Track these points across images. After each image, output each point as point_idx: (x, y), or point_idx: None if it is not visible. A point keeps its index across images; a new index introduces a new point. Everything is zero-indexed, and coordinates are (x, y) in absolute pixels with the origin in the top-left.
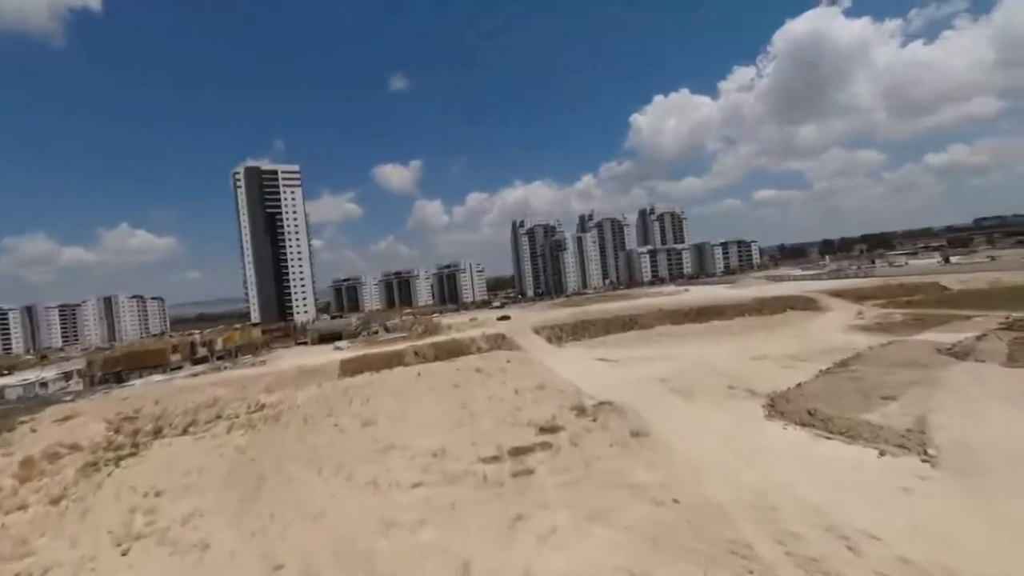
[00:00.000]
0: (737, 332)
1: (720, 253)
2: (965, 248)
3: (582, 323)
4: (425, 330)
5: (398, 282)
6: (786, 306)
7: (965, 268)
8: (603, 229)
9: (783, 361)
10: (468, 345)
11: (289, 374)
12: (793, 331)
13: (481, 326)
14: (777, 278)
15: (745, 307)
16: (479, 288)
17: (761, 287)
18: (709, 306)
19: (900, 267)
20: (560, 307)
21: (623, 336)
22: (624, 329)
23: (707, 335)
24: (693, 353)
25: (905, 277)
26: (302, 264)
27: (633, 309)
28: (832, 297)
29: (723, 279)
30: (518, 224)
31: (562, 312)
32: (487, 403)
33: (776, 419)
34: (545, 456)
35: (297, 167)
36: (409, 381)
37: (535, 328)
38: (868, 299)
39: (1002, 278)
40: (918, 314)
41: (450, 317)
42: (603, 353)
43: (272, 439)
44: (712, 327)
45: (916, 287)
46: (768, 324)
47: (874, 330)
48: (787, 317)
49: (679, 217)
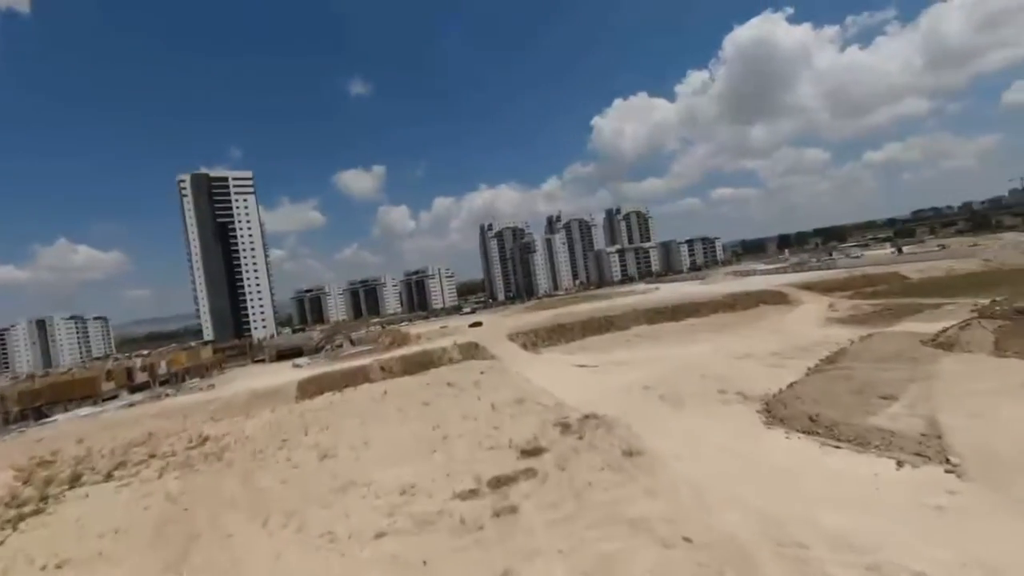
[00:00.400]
0: (714, 330)
1: (686, 251)
2: (912, 238)
3: (558, 327)
4: (393, 341)
5: (364, 291)
6: (758, 301)
7: (919, 257)
8: (571, 230)
9: (768, 360)
10: (439, 356)
11: (239, 399)
12: (770, 327)
13: (452, 334)
14: (743, 273)
15: (718, 304)
16: (449, 294)
17: (730, 283)
18: (684, 304)
19: (857, 259)
20: (533, 310)
21: (600, 338)
22: (601, 331)
23: (685, 334)
24: (674, 354)
25: (868, 268)
26: (258, 276)
27: (608, 309)
28: (801, 290)
29: (691, 276)
30: (486, 227)
31: (536, 315)
32: (461, 423)
33: (776, 427)
34: (530, 486)
35: (250, 173)
36: (374, 401)
37: (509, 334)
38: (835, 291)
39: (955, 266)
40: (888, 304)
41: (419, 326)
42: (582, 358)
43: (212, 482)
44: (688, 325)
45: (879, 278)
46: (744, 320)
47: (850, 322)
48: (761, 312)
49: (645, 216)
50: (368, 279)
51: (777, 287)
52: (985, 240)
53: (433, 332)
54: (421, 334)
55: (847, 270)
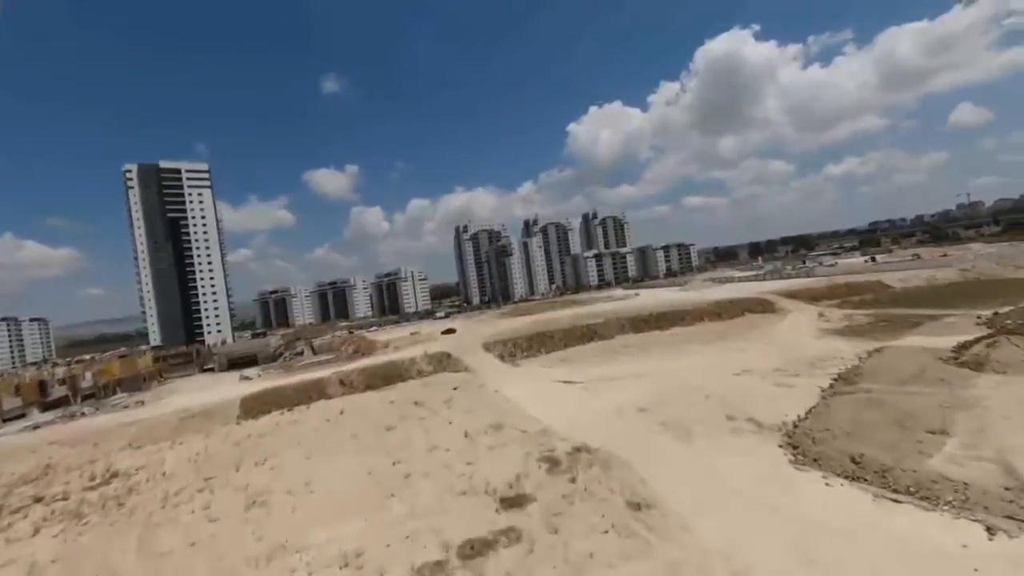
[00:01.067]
0: (705, 341)
1: (662, 256)
2: (879, 248)
3: (537, 335)
4: (357, 350)
5: (333, 293)
6: (744, 309)
7: (894, 266)
8: (548, 234)
9: (771, 376)
10: (407, 368)
11: (168, 420)
12: (763, 337)
13: (423, 342)
14: (722, 280)
15: (704, 311)
16: (422, 297)
17: (711, 290)
18: (668, 312)
19: (832, 267)
20: (510, 316)
21: (584, 349)
22: (584, 340)
23: (673, 345)
24: (667, 369)
25: (850, 276)
26: (214, 276)
27: (590, 316)
28: (786, 299)
29: (669, 282)
30: (461, 230)
31: (513, 322)
32: (428, 456)
33: (809, 468)
34: (512, 558)
35: (205, 165)
36: (328, 424)
37: (485, 343)
38: (821, 299)
39: (935, 275)
40: (882, 315)
41: (388, 332)
42: (565, 372)
43: (100, 543)
44: (675, 335)
45: (862, 286)
46: (733, 330)
47: (847, 334)
48: (749, 321)
49: (621, 222)
50: (337, 281)
51: (761, 295)
52: (953, 250)
53: (402, 339)
54: (389, 342)
55: (827, 278)
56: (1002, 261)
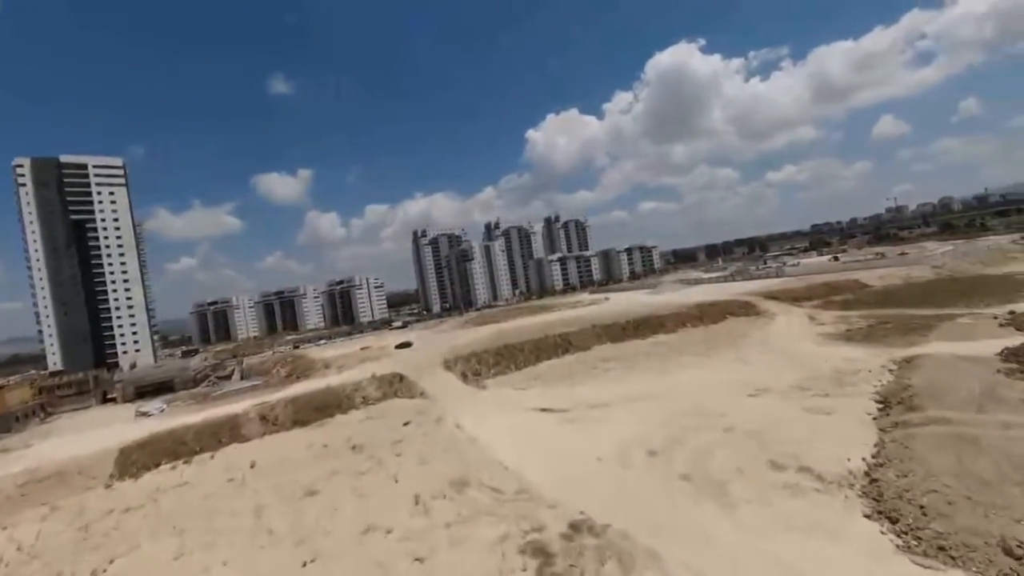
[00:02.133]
0: (694, 350)
1: (625, 259)
2: (830, 248)
3: (505, 348)
4: (292, 372)
5: (280, 303)
6: (725, 312)
7: (862, 265)
8: (510, 238)
9: (795, 397)
10: (349, 396)
11: (8, 484)
12: (759, 345)
13: (374, 359)
14: (692, 281)
15: (683, 316)
16: (378, 306)
17: (682, 292)
18: (646, 318)
19: (796, 266)
20: (473, 324)
21: (560, 364)
22: (558, 353)
23: (661, 357)
24: (663, 388)
25: (825, 276)
26: (130, 287)
27: (561, 324)
28: (766, 300)
29: (637, 284)
30: (420, 234)
31: (477, 332)
32: (357, 547)
33: (940, 566)
34: None
35: (119, 161)
36: (230, 486)
37: (445, 360)
38: (802, 300)
39: (911, 273)
40: (878, 316)
41: (336, 347)
42: (542, 395)
43: None
44: (659, 344)
45: (841, 285)
46: (722, 337)
47: (854, 339)
48: (734, 326)
49: (583, 225)
50: (284, 290)
51: (740, 297)
52: (909, 249)
53: (350, 356)
54: (332, 360)
55: (800, 278)
56: (967, 259)
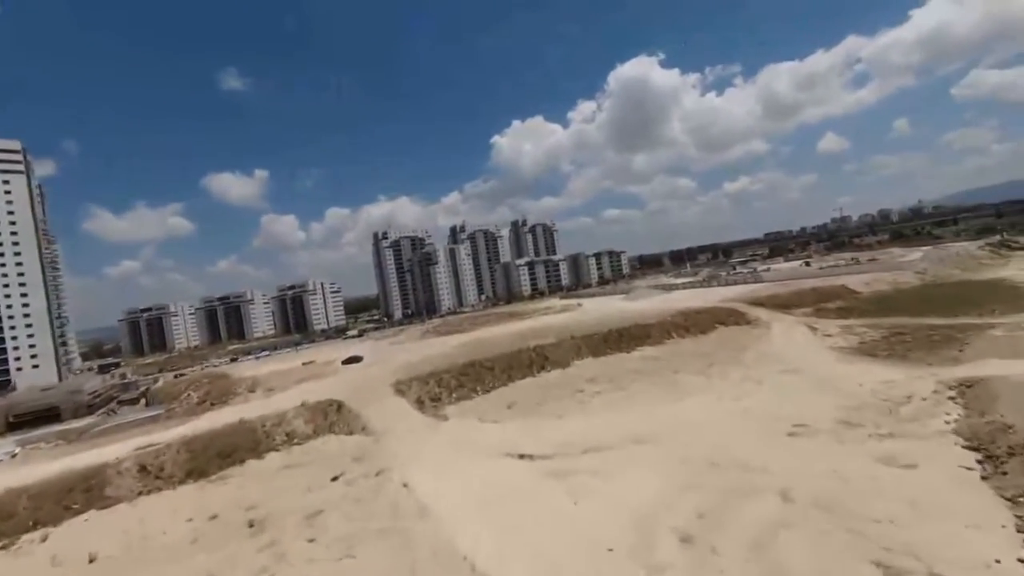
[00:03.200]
0: (692, 367)
1: (594, 264)
2: (793, 254)
3: (471, 365)
4: (205, 397)
5: (225, 310)
6: (714, 321)
7: (842, 271)
8: (476, 241)
9: (854, 439)
10: (269, 432)
11: None
12: (765, 360)
13: (314, 379)
14: (667, 287)
15: (668, 326)
16: (335, 312)
17: (658, 298)
18: (628, 328)
19: (768, 271)
20: (436, 334)
21: (536, 384)
22: (534, 370)
23: (654, 376)
24: (671, 422)
25: (811, 281)
26: (27, 292)
27: (533, 335)
28: (754, 307)
29: (609, 290)
30: (380, 236)
31: (441, 344)
32: None
33: None
34: None
35: (17, 144)
36: None
37: (398, 381)
38: (792, 307)
39: (897, 279)
40: (892, 327)
41: (275, 361)
42: (518, 431)
43: None
44: (649, 359)
45: (829, 292)
46: (717, 349)
47: (880, 355)
48: (726, 336)
49: (551, 230)
50: (230, 295)
51: (723, 304)
52: (878, 255)
53: (287, 374)
54: (263, 380)
55: (779, 283)
56: (944, 265)
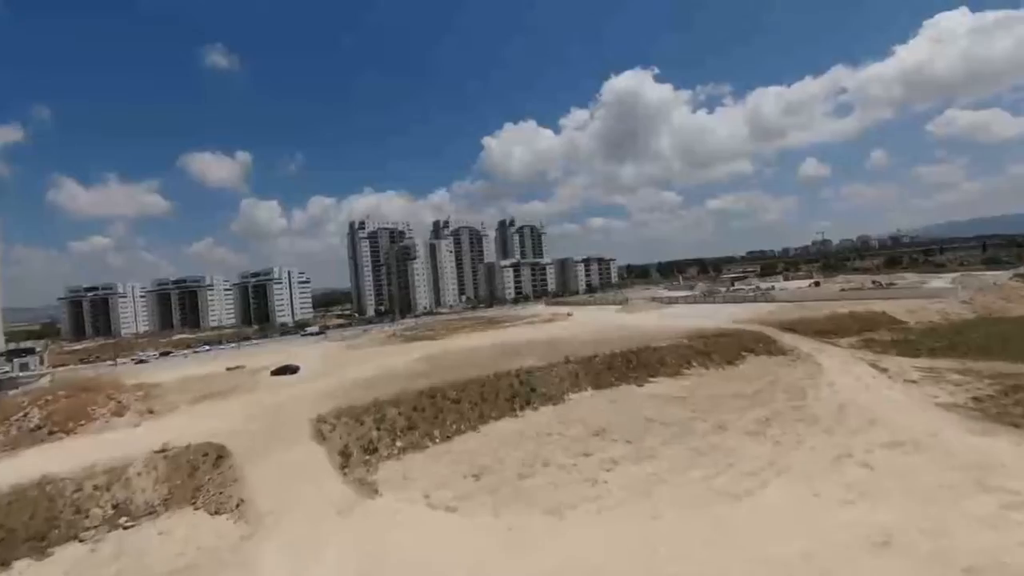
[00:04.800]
0: (735, 420)
1: (582, 270)
2: (778, 273)
3: (431, 395)
4: (48, 419)
5: (180, 295)
6: (740, 347)
7: (866, 295)
8: (460, 238)
9: None
10: (78, 503)
11: None
12: (845, 416)
13: (224, 395)
14: (664, 300)
15: (684, 349)
16: (301, 304)
17: (658, 312)
18: (636, 350)
19: (775, 290)
20: (401, 340)
21: (521, 433)
22: (516, 406)
23: (687, 432)
24: (764, 558)
25: (838, 305)
26: None
27: (516, 350)
28: (782, 332)
29: (598, 299)
30: (357, 226)
31: (404, 355)
32: None
33: None
34: None
35: None
36: None
37: (322, 416)
38: (829, 335)
39: (946, 310)
40: (1000, 375)
41: (196, 363)
42: (491, 548)
43: None
44: (670, 398)
45: (868, 319)
46: (759, 390)
47: (1006, 422)
48: (761, 369)
49: (539, 232)
50: (187, 279)
51: (744, 325)
52: (896, 279)
53: (193, 384)
54: (156, 392)
55: (803, 305)
56: (984, 295)
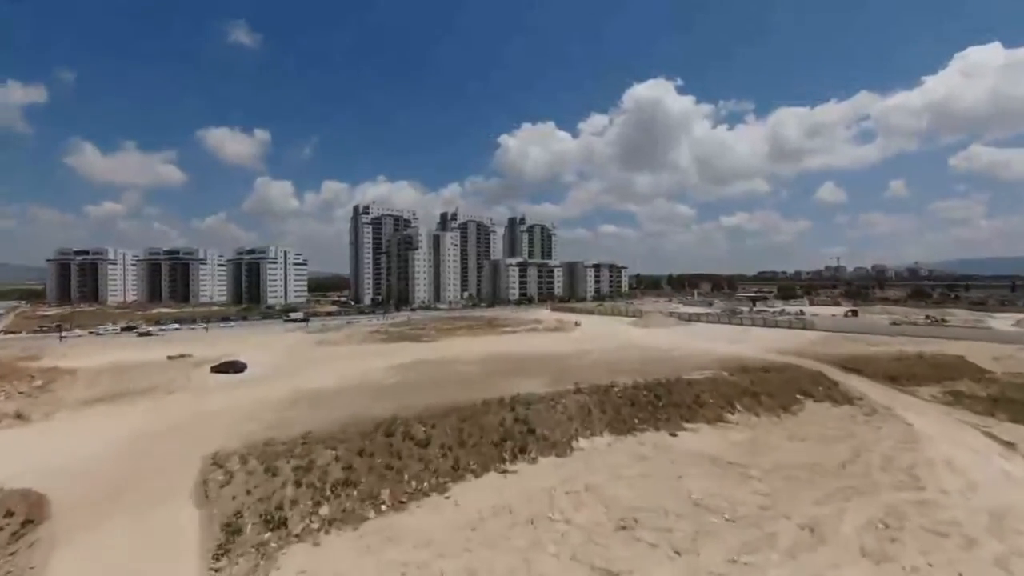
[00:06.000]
0: (821, 510)
1: (592, 275)
2: (818, 296)
3: (389, 428)
4: None
5: (171, 266)
6: (794, 388)
7: (921, 332)
8: (467, 232)
9: None
10: None
11: None
12: (993, 523)
13: (121, 400)
14: (683, 317)
15: (723, 386)
16: (296, 286)
17: (682, 331)
18: (667, 382)
19: (807, 317)
20: (385, 338)
21: (507, 503)
22: (509, 452)
23: (749, 524)
24: None
25: (903, 343)
26: None
27: (514, 365)
28: (841, 371)
29: (609, 308)
30: (361, 210)
31: (379, 359)
32: None
33: None
34: None
35: None
36: None
37: (219, 455)
38: (901, 380)
39: None
40: None
41: (132, 348)
42: None
43: None
44: (717, 462)
45: (944, 365)
46: (840, 456)
47: None
48: (827, 422)
49: (549, 232)
50: (180, 250)
51: (789, 358)
52: (940, 315)
53: (106, 376)
54: (55, 379)
55: (849, 337)
56: None
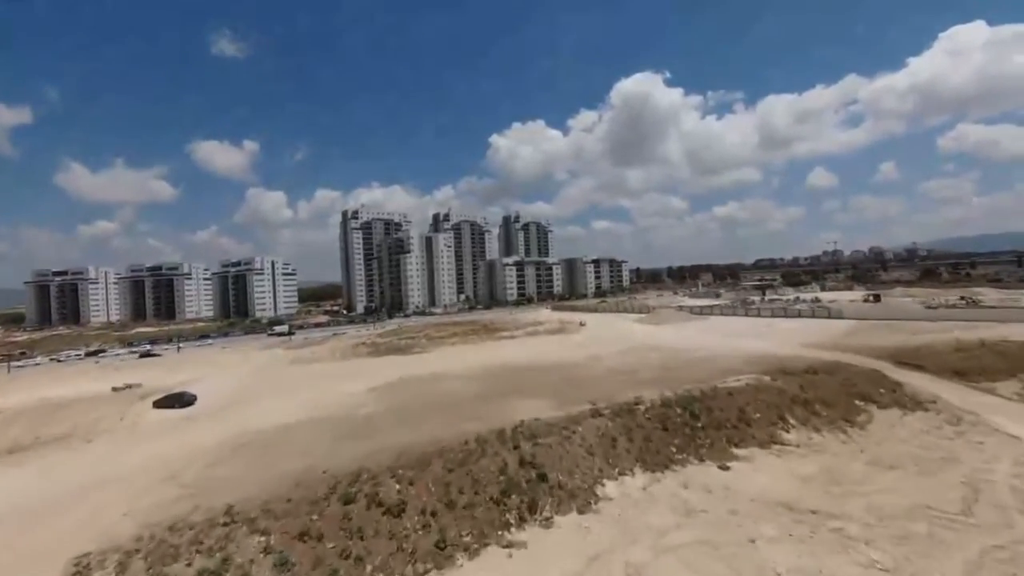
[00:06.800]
0: None
1: (591, 271)
2: (827, 282)
3: (347, 495)
4: None
5: (155, 283)
6: (849, 393)
7: (958, 316)
8: (461, 233)
9: None
10: None
11: None
12: None
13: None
14: (695, 310)
15: (766, 393)
16: (285, 297)
17: (695, 326)
18: (701, 394)
19: (831, 304)
20: (372, 351)
21: None
22: (514, 512)
23: None
24: None
25: (946, 328)
26: None
27: (515, 383)
28: (901, 368)
29: (611, 305)
30: (350, 215)
31: (359, 380)
32: None
33: None
34: None
35: None
36: None
37: (92, 561)
38: (970, 377)
39: None
40: None
41: (78, 377)
42: None
43: None
44: (786, 500)
45: (1012, 353)
46: (953, 491)
47: None
48: (908, 437)
49: (545, 230)
50: (163, 265)
51: (829, 354)
52: (970, 295)
53: (27, 416)
54: None
55: (890, 325)
56: None
